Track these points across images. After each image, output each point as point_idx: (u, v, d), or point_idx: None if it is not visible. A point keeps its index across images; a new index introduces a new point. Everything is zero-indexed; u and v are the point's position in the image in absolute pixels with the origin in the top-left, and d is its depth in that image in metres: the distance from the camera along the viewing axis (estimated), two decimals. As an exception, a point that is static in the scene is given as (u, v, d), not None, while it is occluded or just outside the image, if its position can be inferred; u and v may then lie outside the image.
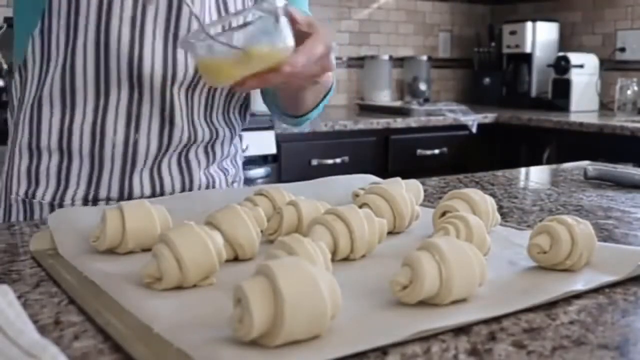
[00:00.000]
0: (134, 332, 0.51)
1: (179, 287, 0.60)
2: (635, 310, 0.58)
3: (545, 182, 1.27)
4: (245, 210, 0.71)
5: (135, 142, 0.98)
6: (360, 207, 0.79)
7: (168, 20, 0.96)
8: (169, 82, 0.97)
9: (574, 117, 2.84)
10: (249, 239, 0.69)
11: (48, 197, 0.99)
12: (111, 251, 0.71)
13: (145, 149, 0.99)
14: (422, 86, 3.40)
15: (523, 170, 1.40)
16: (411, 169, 2.47)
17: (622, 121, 2.69)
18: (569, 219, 0.67)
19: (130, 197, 1.00)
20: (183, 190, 1.04)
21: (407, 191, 0.83)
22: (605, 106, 3.19)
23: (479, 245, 0.66)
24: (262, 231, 0.74)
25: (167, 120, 0.99)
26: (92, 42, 0.94)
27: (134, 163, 0.99)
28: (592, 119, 2.81)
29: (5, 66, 2.30)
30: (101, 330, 0.52)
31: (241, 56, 0.76)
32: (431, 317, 0.53)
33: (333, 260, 0.65)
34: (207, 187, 1.07)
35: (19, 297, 0.57)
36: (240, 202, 0.81)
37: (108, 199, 0.99)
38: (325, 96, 1.09)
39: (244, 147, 2.29)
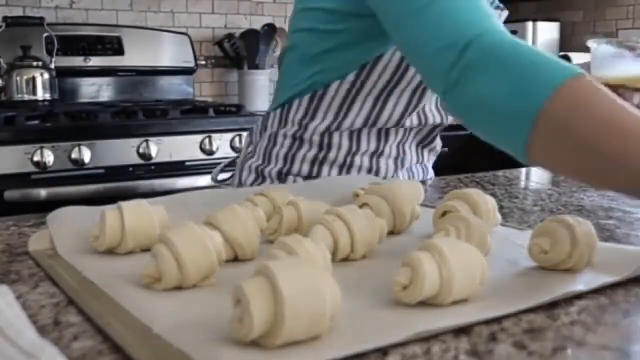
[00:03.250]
0: (133, 332, 0.50)
1: (178, 287, 0.60)
2: (637, 311, 0.57)
3: (546, 182, 1.27)
4: (245, 210, 0.71)
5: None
6: (360, 207, 0.78)
7: None
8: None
9: (574, 117, 2.84)
10: (249, 239, 0.68)
11: (300, 177, 1.10)
12: (110, 251, 0.71)
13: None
14: (423, 86, 3.39)
15: (524, 170, 1.40)
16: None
17: (622, 121, 2.68)
18: (570, 219, 0.67)
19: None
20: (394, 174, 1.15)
21: (407, 191, 0.83)
22: (605, 106, 3.19)
23: (480, 246, 0.66)
24: (262, 231, 0.74)
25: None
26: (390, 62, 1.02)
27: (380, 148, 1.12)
28: (593, 118, 2.80)
29: (4, 65, 2.30)
30: (100, 330, 0.52)
31: None
32: (431, 317, 0.53)
33: (333, 260, 0.65)
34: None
35: (18, 298, 0.57)
36: (240, 202, 0.81)
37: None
38: None
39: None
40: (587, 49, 1.09)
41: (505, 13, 1.12)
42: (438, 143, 1.22)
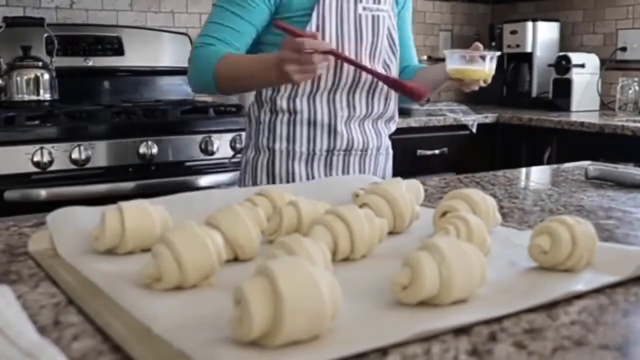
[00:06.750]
0: (133, 332, 0.50)
1: (178, 288, 0.60)
2: (636, 311, 0.57)
3: (546, 182, 1.27)
4: (245, 210, 0.71)
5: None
6: (360, 207, 0.78)
7: None
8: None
9: (574, 117, 2.83)
10: (249, 240, 0.68)
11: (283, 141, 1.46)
12: (111, 251, 0.71)
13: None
14: (423, 86, 3.39)
15: (524, 170, 1.40)
16: (411, 169, 2.46)
17: (623, 121, 2.68)
18: (569, 219, 0.67)
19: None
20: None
21: (407, 191, 0.83)
22: (606, 106, 3.18)
23: (480, 246, 0.66)
24: (262, 231, 0.74)
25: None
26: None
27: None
28: (593, 118, 2.80)
29: (4, 66, 2.30)
30: (100, 330, 0.52)
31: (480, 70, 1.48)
32: (431, 317, 0.53)
33: (333, 260, 0.65)
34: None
35: (18, 298, 0.57)
36: (240, 202, 0.81)
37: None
38: None
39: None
40: (587, 49, 1.09)
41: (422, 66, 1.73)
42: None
